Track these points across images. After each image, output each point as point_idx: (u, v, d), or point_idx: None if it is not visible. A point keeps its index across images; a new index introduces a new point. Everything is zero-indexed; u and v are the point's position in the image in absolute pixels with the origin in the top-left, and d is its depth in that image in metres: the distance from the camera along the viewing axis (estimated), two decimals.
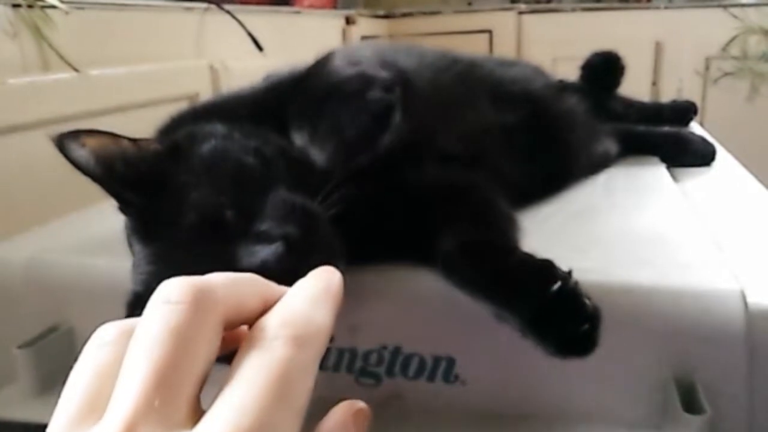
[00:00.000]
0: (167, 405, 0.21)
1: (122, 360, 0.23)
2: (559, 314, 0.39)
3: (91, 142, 0.43)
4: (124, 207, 0.46)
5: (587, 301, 0.39)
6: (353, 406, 0.27)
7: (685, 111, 0.99)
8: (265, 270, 0.35)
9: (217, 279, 0.26)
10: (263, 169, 0.44)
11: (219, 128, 0.47)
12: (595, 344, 0.38)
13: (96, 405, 0.23)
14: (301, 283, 0.29)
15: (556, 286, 0.39)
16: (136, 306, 0.41)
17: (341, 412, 0.27)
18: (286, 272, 0.34)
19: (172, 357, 0.22)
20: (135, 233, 0.45)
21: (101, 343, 0.25)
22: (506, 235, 0.50)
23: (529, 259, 0.43)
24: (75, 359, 0.56)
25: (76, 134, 0.42)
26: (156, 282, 0.30)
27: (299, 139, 0.47)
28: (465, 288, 0.44)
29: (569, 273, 0.40)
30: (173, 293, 0.24)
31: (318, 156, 0.44)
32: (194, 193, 0.42)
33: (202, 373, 0.23)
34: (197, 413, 0.22)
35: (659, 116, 0.95)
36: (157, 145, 0.46)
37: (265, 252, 0.39)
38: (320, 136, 0.45)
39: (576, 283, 0.40)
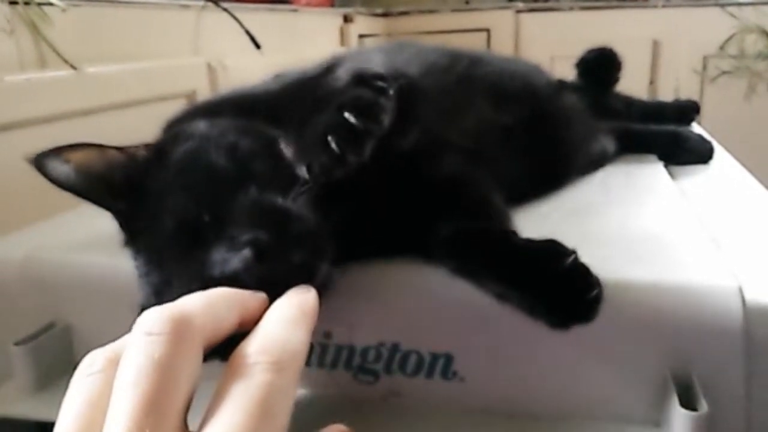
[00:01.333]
0: (158, 430, 0.24)
1: (111, 387, 0.26)
2: (573, 285, 0.41)
3: (76, 156, 0.42)
4: (115, 217, 0.45)
5: (591, 270, 0.42)
6: (337, 429, 0.30)
7: (687, 110, 0.98)
8: (236, 281, 0.35)
9: (195, 304, 0.28)
10: (236, 169, 0.42)
11: (201, 126, 0.46)
12: (599, 310, 0.40)
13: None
14: (277, 306, 0.32)
15: (571, 258, 0.41)
16: None
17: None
18: (260, 279, 0.35)
19: (158, 387, 0.24)
20: (127, 242, 0.45)
21: (90, 372, 0.27)
22: (503, 225, 0.51)
23: (533, 239, 0.44)
24: (72, 356, 0.56)
25: (57, 151, 0.41)
26: (152, 293, 0.33)
27: (287, 152, 0.46)
28: (464, 271, 0.45)
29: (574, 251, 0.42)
30: (155, 325, 0.26)
31: (301, 171, 0.42)
32: (170, 197, 0.41)
33: (187, 397, 0.26)
34: None
35: (661, 115, 0.94)
36: (144, 151, 0.45)
37: (233, 262, 0.37)
38: (302, 151, 0.43)
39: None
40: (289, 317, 0.31)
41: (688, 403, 0.40)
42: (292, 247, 0.38)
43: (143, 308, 0.39)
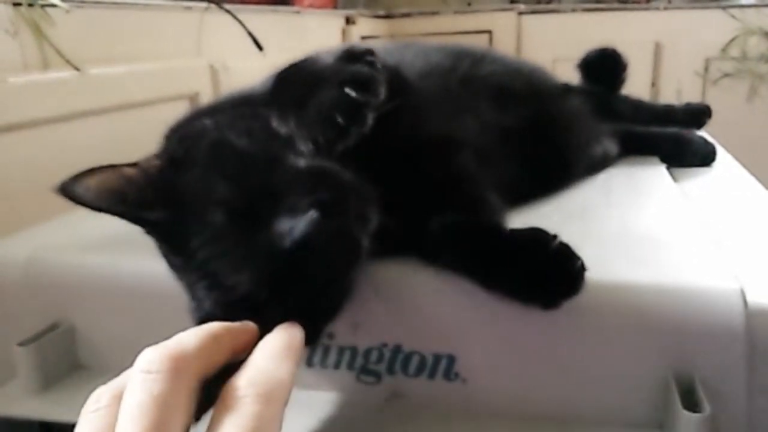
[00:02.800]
0: None
1: (116, 422, 0.28)
2: (559, 264, 0.43)
3: (94, 180, 0.42)
4: (149, 230, 0.45)
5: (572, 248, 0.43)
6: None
7: (698, 114, 0.96)
8: (310, 244, 0.37)
9: (190, 341, 0.31)
10: (262, 148, 0.43)
11: (208, 123, 0.47)
12: (583, 282, 0.42)
13: None
14: (265, 341, 0.34)
15: (557, 241, 0.43)
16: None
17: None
18: (328, 237, 0.37)
19: (157, 422, 0.27)
20: (169, 251, 0.45)
21: (96, 408, 0.30)
22: (492, 219, 0.52)
23: (518, 229, 0.46)
24: (75, 357, 0.56)
25: (77, 178, 0.41)
26: (214, 300, 0.40)
27: (284, 128, 0.46)
28: (454, 265, 0.46)
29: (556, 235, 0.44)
30: (153, 364, 0.29)
31: (303, 145, 0.43)
32: (209, 192, 0.41)
33: (184, 429, 0.28)
34: None
35: (671, 119, 0.92)
36: (157, 161, 0.45)
37: (301, 226, 0.37)
38: (306, 127, 0.44)
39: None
40: (276, 352, 0.33)
41: (690, 405, 0.40)
42: (349, 200, 0.39)
43: (207, 319, 0.38)
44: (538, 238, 0.44)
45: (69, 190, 0.41)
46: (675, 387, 0.42)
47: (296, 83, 0.49)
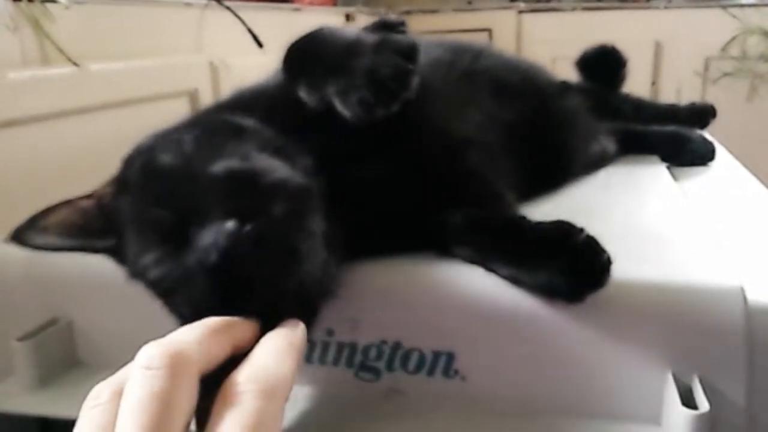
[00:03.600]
0: None
1: (116, 417, 0.28)
2: (585, 257, 0.43)
3: (50, 221, 0.42)
4: (110, 256, 0.44)
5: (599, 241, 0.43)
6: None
7: (703, 114, 0.95)
8: (234, 255, 0.34)
9: (189, 337, 0.31)
10: (186, 161, 0.41)
11: (146, 142, 0.46)
12: (610, 275, 0.42)
13: None
14: (267, 338, 0.34)
15: (584, 234, 0.43)
16: None
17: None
18: (254, 241, 0.35)
19: (157, 418, 0.27)
20: (131, 275, 0.43)
21: (96, 403, 0.29)
22: (514, 213, 0.52)
23: (543, 222, 0.46)
24: (74, 352, 0.56)
25: (31, 222, 0.41)
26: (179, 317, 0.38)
27: (321, 92, 0.45)
28: (477, 258, 0.46)
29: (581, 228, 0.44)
30: (153, 360, 0.29)
31: (345, 108, 0.43)
32: (143, 216, 0.40)
33: (186, 424, 0.28)
34: None
35: (674, 119, 0.91)
36: (110, 187, 0.45)
37: (220, 238, 0.34)
38: (344, 92, 0.43)
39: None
40: (278, 348, 0.33)
41: (689, 402, 0.40)
42: (270, 200, 0.36)
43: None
44: (565, 231, 0.44)
45: (23, 238, 0.41)
46: (674, 384, 0.42)
47: (325, 51, 0.48)
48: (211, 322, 0.34)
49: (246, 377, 0.30)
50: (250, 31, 1.36)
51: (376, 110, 0.43)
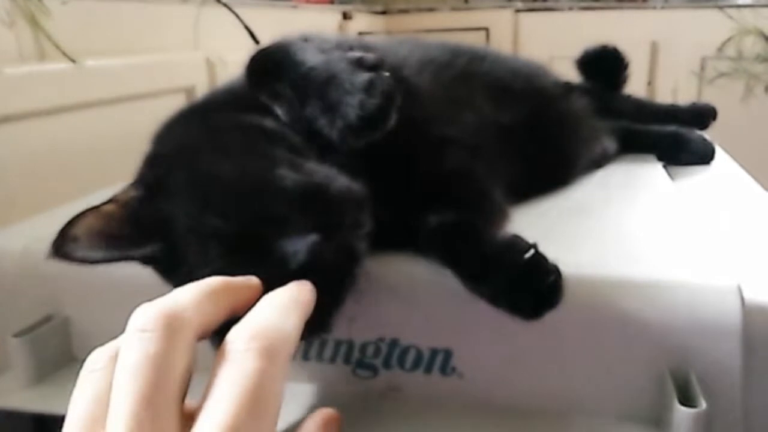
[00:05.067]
0: (156, 422, 0.25)
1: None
2: (532, 276, 0.42)
3: (81, 230, 0.40)
4: (151, 266, 0.43)
5: (549, 260, 0.43)
6: (324, 414, 0.31)
7: (703, 115, 0.94)
8: (314, 265, 0.36)
9: (185, 298, 0.29)
10: (246, 167, 0.41)
11: (186, 143, 0.45)
12: (562, 294, 0.42)
13: (95, 428, 0.26)
14: (271, 293, 0.32)
15: (529, 253, 0.43)
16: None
17: (313, 421, 0.31)
18: (333, 253, 0.38)
19: (153, 382, 0.26)
20: (170, 283, 0.42)
21: (93, 369, 0.28)
22: (487, 220, 0.51)
23: (498, 236, 0.46)
24: (70, 348, 0.56)
25: (63, 235, 0.39)
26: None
27: (309, 111, 0.45)
28: (446, 264, 0.46)
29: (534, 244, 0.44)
30: (148, 322, 0.27)
31: (330, 129, 0.43)
32: (199, 225, 0.40)
33: (183, 387, 0.27)
34: (183, 425, 0.26)
35: (674, 119, 0.90)
36: (134, 191, 0.43)
37: (303, 249, 0.37)
38: (333, 109, 0.43)
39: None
40: (282, 303, 0.31)
41: (686, 400, 0.40)
42: (344, 214, 0.40)
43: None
44: (514, 248, 0.44)
45: (65, 252, 0.40)
46: (671, 382, 0.42)
47: (299, 70, 0.48)
48: (209, 282, 0.32)
49: (247, 333, 0.28)
50: (246, 27, 1.36)
51: (362, 135, 0.43)
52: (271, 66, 0.50)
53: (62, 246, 0.39)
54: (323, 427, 0.32)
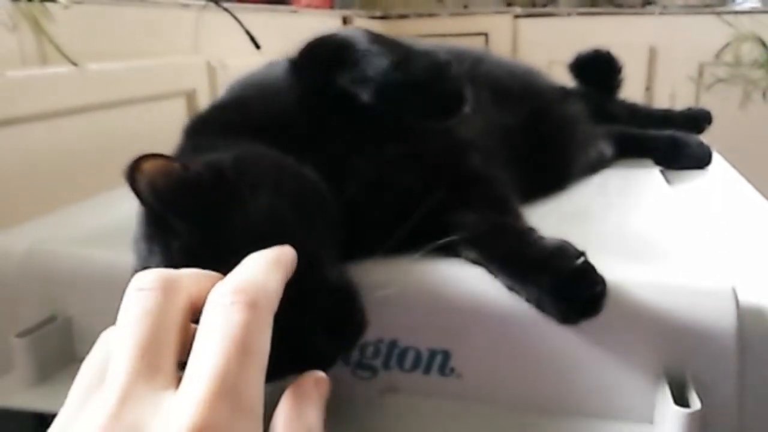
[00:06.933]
0: (153, 371, 0.26)
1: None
2: (582, 283, 0.43)
3: (147, 167, 0.38)
4: (167, 232, 0.41)
5: (599, 271, 0.44)
6: (314, 374, 0.32)
7: (699, 119, 0.94)
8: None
9: (183, 271, 0.31)
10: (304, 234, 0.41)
11: (267, 165, 0.45)
12: (603, 305, 0.43)
13: (101, 379, 0.27)
14: (254, 253, 0.33)
15: (581, 260, 0.43)
16: None
17: (303, 379, 0.32)
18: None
19: (150, 332, 0.27)
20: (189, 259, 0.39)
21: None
22: (521, 221, 0.52)
23: (547, 238, 0.47)
24: (72, 349, 0.56)
25: (136, 163, 0.38)
26: None
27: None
28: (482, 263, 0.47)
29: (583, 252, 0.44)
30: (146, 282, 0.29)
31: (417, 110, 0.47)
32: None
33: (179, 342, 0.28)
34: (178, 377, 0.27)
35: (670, 124, 0.90)
36: (201, 169, 0.41)
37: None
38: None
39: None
40: (265, 262, 0.32)
41: (681, 400, 0.41)
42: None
43: None
44: (564, 253, 0.44)
45: (132, 177, 0.38)
46: (666, 383, 0.42)
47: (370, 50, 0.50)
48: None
49: (231, 287, 0.29)
50: (247, 32, 1.37)
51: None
52: (342, 54, 0.51)
53: (133, 172, 0.38)
54: (314, 383, 0.33)
